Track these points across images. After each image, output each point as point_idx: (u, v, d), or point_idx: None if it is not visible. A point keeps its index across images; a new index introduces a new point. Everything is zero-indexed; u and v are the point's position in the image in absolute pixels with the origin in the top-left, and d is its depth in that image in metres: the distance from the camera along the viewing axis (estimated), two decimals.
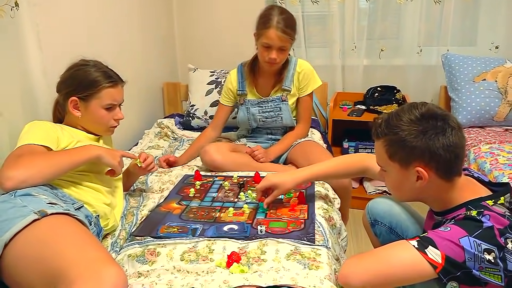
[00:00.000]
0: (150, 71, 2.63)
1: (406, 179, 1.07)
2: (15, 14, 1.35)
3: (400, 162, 1.06)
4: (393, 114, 1.07)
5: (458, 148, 1.02)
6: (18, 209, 1.02)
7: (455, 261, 0.94)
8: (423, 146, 1.01)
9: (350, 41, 2.73)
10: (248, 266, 1.15)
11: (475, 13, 2.60)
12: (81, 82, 1.38)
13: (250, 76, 1.97)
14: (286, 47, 1.81)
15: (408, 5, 2.61)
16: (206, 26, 2.93)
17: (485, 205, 1.01)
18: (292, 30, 1.78)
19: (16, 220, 0.99)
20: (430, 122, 1.02)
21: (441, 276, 0.94)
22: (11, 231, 0.97)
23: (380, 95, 2.58)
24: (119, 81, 1.45)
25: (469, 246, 0.93)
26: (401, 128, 1.03)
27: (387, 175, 1.14)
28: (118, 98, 1.45)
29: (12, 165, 1.13)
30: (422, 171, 1.03)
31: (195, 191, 1.64)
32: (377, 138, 1.11)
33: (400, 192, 1.16)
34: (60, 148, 1.29)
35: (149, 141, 2.27)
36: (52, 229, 1.00)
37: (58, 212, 1.05)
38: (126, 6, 2.31)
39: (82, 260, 0.92)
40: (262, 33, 1.79)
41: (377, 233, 1.40)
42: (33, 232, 0.98)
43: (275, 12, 1.79)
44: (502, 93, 2.20)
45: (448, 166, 1.03)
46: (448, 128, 1.02)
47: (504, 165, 1.78)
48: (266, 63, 1.84)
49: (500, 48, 2.55)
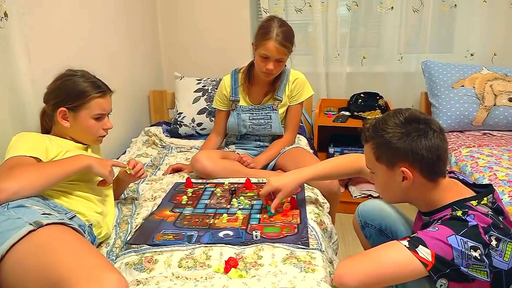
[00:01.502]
0: (136, 79, 2.63)
1: (393, 180, 1.14)
2: (4, 24, 1.35)
3: (386, 163, 1.13)
4: (380, 119, 1.15)
5: (439, 150, 1.09)
6: (13, 221, 1.02)
7: (444, 259, 0.99)
8: (406, 147, 1.08)
9: (333, 49, 2.80)
10: (246, 271, 1.17)
11: (451, 21, 2.72)
12: (69, 93, 1.38)
13: (244, 83, 2.00)
14: (283, 59, 1.85)
15: (388, 14, 2.69)
16: (190, 34, 2.95)
17: (470, 205, 1.07)
18: (290, 43, 1.83)
19: (11, 232, 0.99)
20: (413, 125, 1.09)
21: (432, 273, 0.99)
22: (8, 243, 0.97)
23: (364, 101, 2.65)
24: (108, 91, 1.46)
25: (457, 244, 0.99)
26: (386, 131, 1.11)
27: (376, 177, 1.21)
28: (107, 108, 1.46)
29: (3, 178, 1.12)
30: (406, 171, 1.09)
31: (187, 199, 1.65)
32: (366, 142, 1.18)
33: (388, 193, 1.22)
34: (49, 159, 1.29)
35: (137, 149, 2.27)
36: (49, 238, 1.01)
37: (54, 222, 1.05)
38: (113, 15, 2.32)
39: (82, 267, 0.92)
40: (261, 44, 1.82)
41: (368, 235, 1.45)
42: (30, 242, 0.99)
43: (275, 24, 1.82)
44: (480, 98, 2.30)
45: (431, 166, 1.10)
46: (430, 131, 1.09)
47: (484, 167, 1.85)
48: (262, 74, 1.88)
49: (475, 55, 2.66)
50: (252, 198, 1.66)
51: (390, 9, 2.68)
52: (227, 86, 2.02)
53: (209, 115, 2.47)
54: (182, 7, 2.92)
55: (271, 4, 2.78)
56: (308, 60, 2.85)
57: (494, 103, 2.27)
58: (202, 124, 2.48)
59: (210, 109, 2.48)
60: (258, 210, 1.55)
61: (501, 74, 2.37)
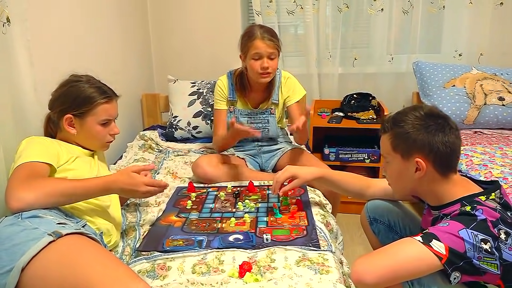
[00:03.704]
0: (128, 82, 2.60)
1: (406, 170, 1.19)
2: (6, 30, 1.32)
3: (402, 153, 1.18)
4: (399, 112, 1.21)
5: (454, 145, 1.15)
6: (30, 231, 1.00)
7: (458, 252, 1.02)
8: (424, 139, 1.14)
9: (325, 50, 2.83)
10: (261, 274, 1.18)
11: (439, 22, 2.78)
12: (75, 99, 1.36)
13: (240, 90, 2.00)
14: (275, 55, 1.88)
15: (378, 15, 2.74)
16: (181, 37, 2.93)
17: (478, 200, 1.11)
18: (276, 39, 1.88)
19: (30, 243, 0.97)
20: (433, 120, 1.15)
21: (446, 266, 1.02)
22: (28, 255, 0.95)
23: (356, 102, 2.69)
24: (114, 96, 1.44)
25: (468, 237, 1.03)
26: (406, 122, 1.17)
27: (389, 166, 1.25)
28: (113, 113, 1.44)
29: (21, 186, 1.09)
30: (421, 162, 1.14)
31: (192, 203, 1.65)
32: (384, 132, 1.23)
33: (399, 183, 1.26)
34: (59, 165, 1.27)
35: (133, 154, 2.24)
36: (71, 248, 0.99)
37: (72, 232, 1.04)
38: (106, 19, 2.29)
39: (109, 278, 0.91)
40: (250, 46, 1.85)
41: (376, 231, 1.48)
42: (51, 253, 0.96)
43: (256, 27, 1.90)
44: (471, 98, 2.36)
45: (444, 160, 1.15)
46: (447, 127, 1.15)
47: (479, 165, 1.90)
48: (259, 76, 1.88)
49: (464, 55, 2.73)
50: (256, 200, 1.67)
51: (380, 10, 2.73)
52: (224, 87, 2.02)
53: (204, 118, 2.46)
54: (172, 10, 2.90)
55: (263, 6, 2.78)
56: (300, 62, 2.87)
57: (485, 102, 2.33)
58: (198, 127, 2.47)
59: (206, 112, 2.47)
60: (264, 213, 1.56)
61: (490, 74, 2.44)
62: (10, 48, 1.35)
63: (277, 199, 1.67)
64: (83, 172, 1.30)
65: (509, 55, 2.70)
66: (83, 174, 1.29)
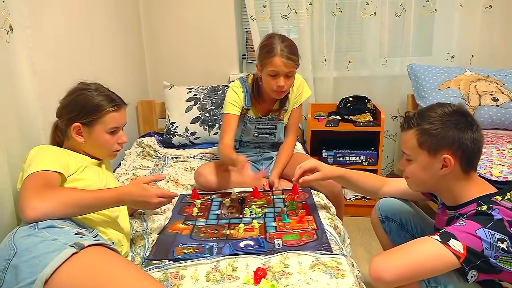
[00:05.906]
0: (123, 89, 2.53)
1: (432, 166, 1.19)
2: (10, 38, 1.29)
3: (429, 149, 1.18)
4: (426, 108, 1.22)
5: (481, 143, 1.18)
6: (50, 242, 0.97)
7: (475, 251, 1.04)
8: (454, 136, 1.15)
9: (319, 54, 2.84)
10: (276, 280, 1.17)
11: (431, 25, 2.83)
12: (84, 107, 1.33)
13: (255, 99, 1.94)
14: (292, 73, 1.79)
15: (371, 19, 2.77)
16: (175, 43, 2.92)
17: (494, 200, 1.13)
18: (296, 56, 1.77)
19: (52, 255, 0.94)
20: (462, 117, 1.17)
21: (464, 265, 1.04)
22: (51, 267, 0.91)
23: (353, 105, 2.70)
24: (122, 104, 1.42)
25: (485, 236, 1.04)
26: (435, 118, 1.17)
27: (411, 163, 1.24)
28: (121, 122, 1.42)
29: (37, 195, 1.06)
30: (449, 158, 1.15)
31: (198, 210, 1.63)
32: (409, 128, 1.22)
33: (420, 179, 1.26)
34: (69, 174, 1.24)
35: (132, 162, 2.22)
36: (97, 260, 0.96)
37: (94, 243, 1.01)
38: (101, 27, 2.26)
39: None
40: (268, 62, 1.76)
41: (387, 230, 1.50)
42: (76, 265, 0.94)
43: (276, 40, 1.77)
44: (466, 99, 2.39)
45: (470, 158, 1.17)
46: (475, 124, 1.17)
47: (478, 165, 1.93)
48: (274, 92, 1.81)
49: (456, 57, 2.78)
50: (262, 206, 1.66)
51: (373, 14, 2.76)
52: (240, 95, 1.93)
53: (202, 124, 2.45)
54: (165, 15, 2.89)
55: (257, 11, 2.79)
56: None
57: (479, 103, 2.37)
58: (196, 133, 2.45)
59: (204, 118, 2.45)
60: (272, 218, 1.55)
61: (483, 75, 2.48)
62: (12, 55, 1.32)
63: (282, 203, 1.67)
64: (92, 182, 1.27)
65: (498, 57, 2.76)
66: (92, 184, 1.26)
